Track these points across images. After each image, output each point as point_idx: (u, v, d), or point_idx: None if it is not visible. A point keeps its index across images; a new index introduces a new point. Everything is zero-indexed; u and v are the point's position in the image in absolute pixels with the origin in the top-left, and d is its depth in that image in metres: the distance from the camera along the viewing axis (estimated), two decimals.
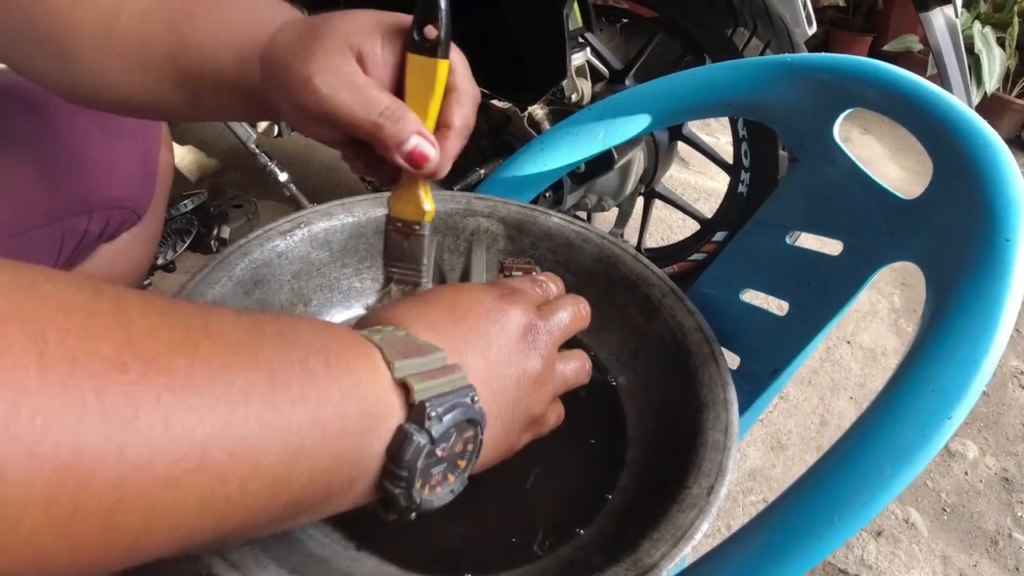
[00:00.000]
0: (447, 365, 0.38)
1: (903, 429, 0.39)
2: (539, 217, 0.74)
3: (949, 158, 0.53)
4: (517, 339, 0.43)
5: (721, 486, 0.49)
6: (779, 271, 0.66)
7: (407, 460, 0.34)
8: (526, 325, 0.44)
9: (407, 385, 0.35)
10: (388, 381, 0.35)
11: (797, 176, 0.66)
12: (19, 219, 0.70)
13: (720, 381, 0.58)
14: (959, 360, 0.41)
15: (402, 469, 0.34)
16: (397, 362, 0.35)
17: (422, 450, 0.34)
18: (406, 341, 0.38)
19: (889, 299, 2.02)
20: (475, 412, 0.37)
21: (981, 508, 1.46)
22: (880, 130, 3.08)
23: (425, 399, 0.35)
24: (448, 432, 0.36)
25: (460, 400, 0.36)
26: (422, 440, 0.34)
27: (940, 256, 0.50)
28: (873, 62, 0.61)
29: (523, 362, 0.43)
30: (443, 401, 0.35)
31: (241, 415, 0.28)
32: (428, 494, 0.37)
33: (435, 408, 0.35)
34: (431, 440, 0.35)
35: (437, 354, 0.38)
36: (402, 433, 0.35)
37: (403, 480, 0.35)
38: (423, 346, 0.38)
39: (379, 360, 0.36)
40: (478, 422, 0.38)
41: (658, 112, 0.76)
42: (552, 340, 0.46)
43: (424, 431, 0.34)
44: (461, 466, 0.39)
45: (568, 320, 0.48)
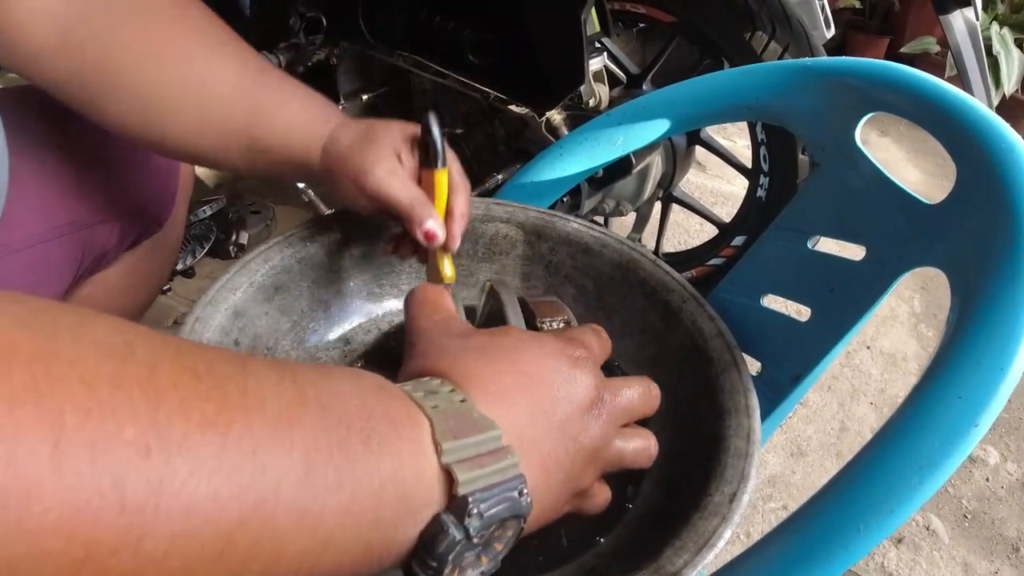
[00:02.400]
0: (500, 448, 0.35)
1: (929, 437, 0.39)
2: (557, 222, 0.74)
3: (972, 162, 0.52)
4: (582, 412, 0.41)
5: (744, 493, 0.49)
6: (801, 276, 0.66)
7: (439, 553, 0.32)
8: (594, 398, 0.42)
9: (451, 474, 0.33)
10: (433, 467, 0.33)
11: (819, 181, 0.66)
12: (42, 228, 0.71)
13: (741, 387, 0.58)
14: (985, 367, 0.41)
15: (433, 560, 0.32)
16: (446, 443, 0.33)
17: (456, 545, 0.32)
18: (461, 414, 0.35)
19: (909, 303, 2.01)
20: (521, 507, 0.35)
21: (1003, 515, 1.44)
22: (898, 133, 3.06)
23: (469, 492, 0.32)
24: (488, 524, 0.33)
25: (507, 495, 0.34)
26: (458, 535, 0.32)
27: (964, 262, 0.49)
28: (895, 66, 0.61)
29: (582, 436, 0.40)
30: (488, 495, 0.33)
31: (270, 502, 0.27)
32: None
33: (478, 504, 0.32)
34: (467, 536, 0.32)
35: (492, 433, 0.35)
36: (438, 524, 0.32)
37: (432, 569, 0.33)
38: (478, 422, 0.35)
39: (427, 440, 0.33)
40: (523, 516, 0.35)
41: (677, 117, 0.75)
42: (615, 416, 0.43)
43: (462, 527, 0.32)
44: (497, 549, 0.36)
45: (637, 400, 0.46)
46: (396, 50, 1.34)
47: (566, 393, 0.40)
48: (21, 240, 0.68)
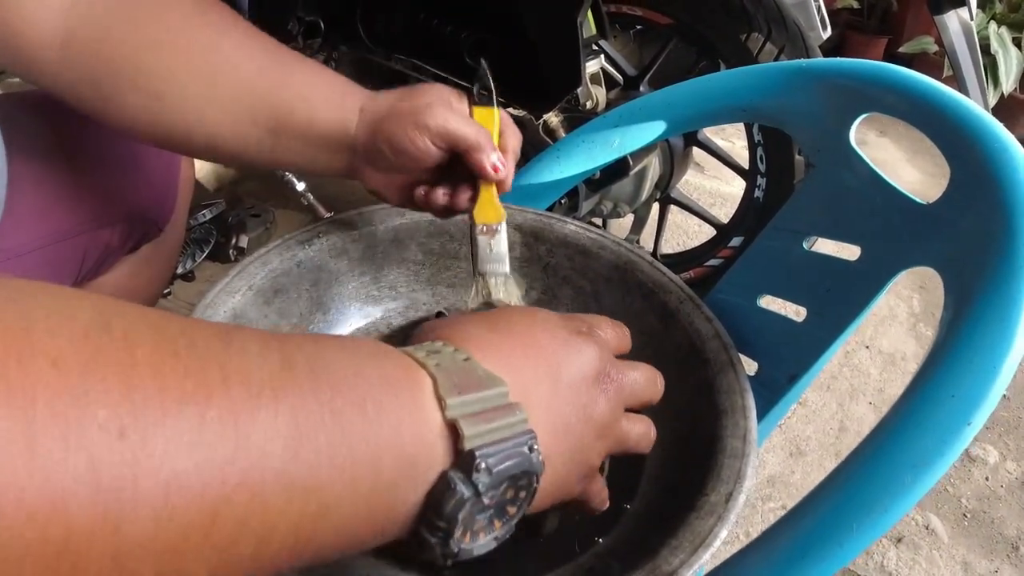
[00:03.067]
0: (508, 404, 0.34)
1: (922, 436, 0.39)
2: (555, 224, 0.74)
3: (966, 162, 0.53)
4: (590, 381, 0.40)
5: (740, 493, 0.49)
6: (797, 276, 0.66)
7: (447, 513, 0.31)
8: (600, 369, 0.41)
9: (457, 428, 0.32)
10: (437, 421, 0.32)
11: (814, 181, 0.66)
12: (41, 233, 0.71)
13: (738, 388, 0.58)
14: (978, 366, 0.41)
15: (441, 520, 0.32)
16: (450, 399, 0.32)
17: (465, 503, 0.31)
18: (466, 370, 0.34)
19: (908, 303, 2.01)
20: (532, 463, 0.34)
21: (1002, 514, 1.44)
22: (896, 133, 3.06)
23: (476, 447, 0.32)
24: (498, 482, 0.32)
25: (517, 450, 0.33)
26: (466, 492, 0.31)
27: (959, 261, 0.50)
28: (889, 66, 0.61)
29: (591, 406, 0.40)
30: (497, 450, 0.32)
31: (257, 473, 0.26)
32: (468, 542, 0.34)
33: (486, 459, 0.31)
34: (476, 493, 0.31)
35: (498, 388, 0.34)
36: (445, 482, 0.31)
37: (442, 531, 0.32)
38: (484, 378, 0.34)
39: (428, 398, 0.32)
40: (535, 473, 0.35)
41: (673, 119, 0.76)
42: (623, 395, 0.43)
43: (470, 483, 0.31)
44: (510, 513, 0.36)
45: (643, 383, 0.46)
46: (394, 53, 1.35)
47: (571, 362, 0.40)
48: (20, 245, 0.69)
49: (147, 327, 0.26)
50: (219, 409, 0.26)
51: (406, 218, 0.73)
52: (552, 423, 0.38)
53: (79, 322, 0.25)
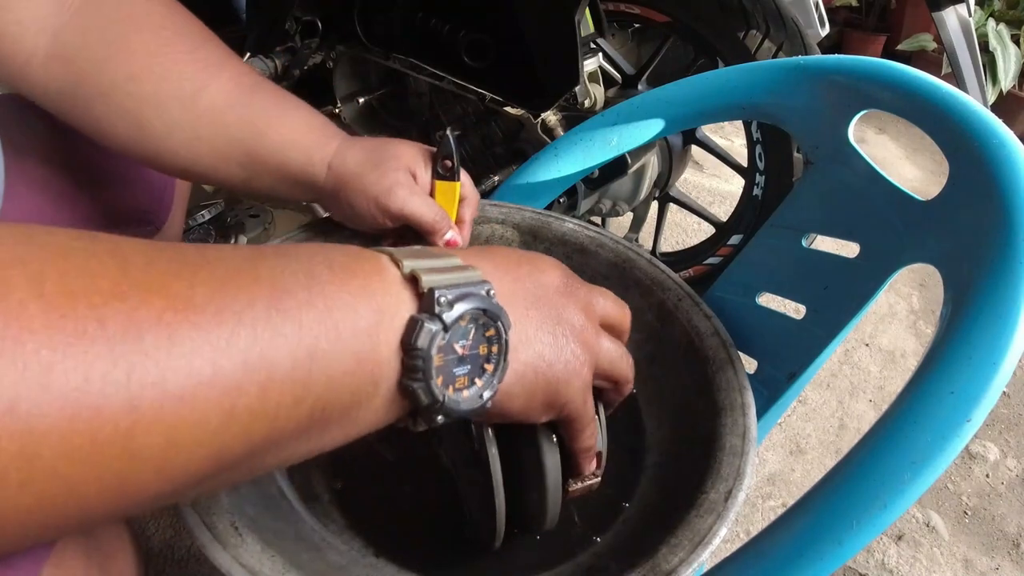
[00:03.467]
0: (462, 265, 0.38)
1: (921, 433, 0.39)
2: (553, 223, 0.74)
3: (965, 159, 0.53)
4: (554, 291, 0.42)
5: (739, 491, 0.49)
6: (795, 274, 0.66)
7: (420, 348, 0.34)
8: (565, 283, 0.43)
9: (416, 277, 0.35)
10: (397, 277, 0.35)
11: (812, 179, 0.66)
12: None
13: (737, 385, 0.58)
14: (977, 363, 0.41)
15: (416, 358, 0.34)
16: (406, 260, 0.36)
17: (434, 336, 0.34)
18: (418, 249, 0.38)
19: (908, 300, 2.01)
20: (492, 304, 0.36)
21: (1003, 511, 1.44)
22: (895, 130, 3.06)
23: (434, 286, 0.35)
24: (463, 323, 0.35)
25: (473, 291, 0.36)
26: (433, 327, 0.34)
27: (957, 257, 0.50)
28: (887, 63, 0.61)
29: (562, 312, 0.42)
30: (454, 290, 0.35)
31: (247, 325, 0.29)
32: (453, 394, 0.36)
33: (445, 295, 0.34)
34: (444, 327, 0.34)
35: (452, 259, 0.38)
36: (412, 321, 0.34)
37: (420, 371, 0.34)
38: (436, 252, 0.38)
39: (388, 262, 0.36)
40: (497, 316, 0.37)
41: (671, 116, 0.76)
42: (592, 307, 0.45)
43: (435, 317, 0.34)
44: (488, 369, 0.38)
45: (612, 306, 0.47)
46: (392, 53, 1.35)
47: (529, 268, 0.42)
48: None
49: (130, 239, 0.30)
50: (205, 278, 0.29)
51: None
52: (514, 294, 0.41)
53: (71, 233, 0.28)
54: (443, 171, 0.66)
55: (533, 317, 0.41)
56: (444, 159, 0.66)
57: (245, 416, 0.29)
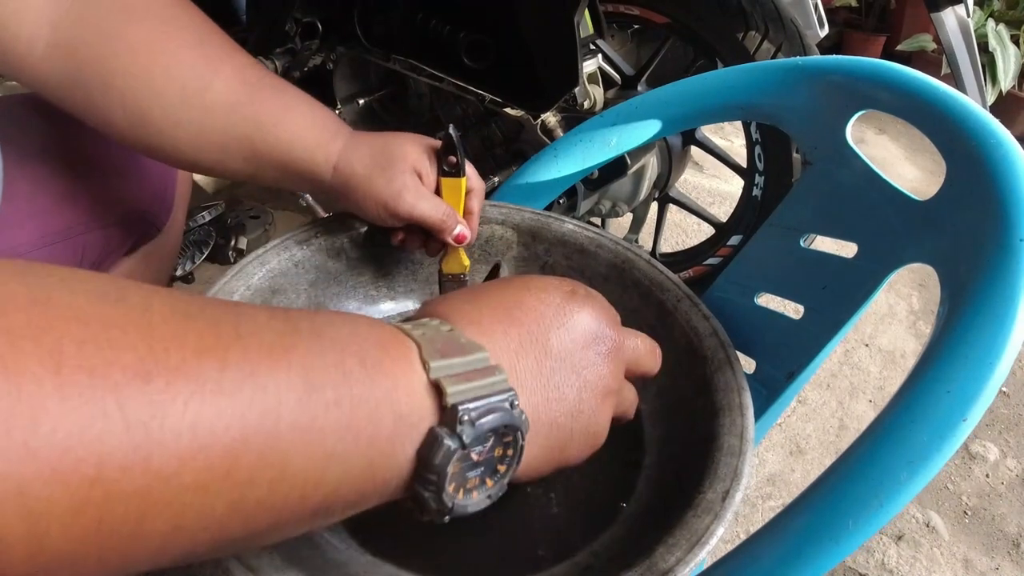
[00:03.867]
0: (488, 367, 0.36)
1: (918, 432, 0.39)
2: (553, 223, 0.74)
3: (962, 158, 0.53)
4: (582, 346, 0.41)
5: (737, 491, 0.49)
6: (794, 274, 0.66)
7: (437, 464, 0.33)
8: (595, 333, 0.42)
9: (440, 387, 0.34)
10: (423, 382, 0.34)
11: (810, 179, 0.66)
12: (40, 232, 0.71)
13: (736, 386, 0.58)
14: (973, 361, 0.41)
15: (432, 473, 0.34)
16: (433, 362, 0.34)
17: (452, 455, 0.34)
18: (448, 339, 0.36)
19: (907, 301, 2.01)
20: (514, 418, 0.36)
21: (1003, 511, 1.44)
22: (895, 130, 3.06)
23: (458, 402, 0.34)
24: (483, 436, 0.35)
25: (497, 405, 0.35)
26: (452, 444, 0.33)
27: (954, 257, 0.50)
28: (885, 63, 0.61)
29: (587, 371, 0.41)
30: (479, 405, 0.34)
31: (272, 419, 0.28)
32: (462, 498, 0.36)
33: (468, 412, 0.34)
34: (462, 445, 0.34)
35: (479, 354, 0.36)
36: (432, 436, 0.34)
37: (433, 484, 0.34)
38: (466, 345, 0.37)
39: (415, 360, 0.35)
40: (518, 428, 0.36)
41: (670, 117, 0.76)
42: (622, 359, 0.44)
43: (455, 436, 0.33)
44: (500, 471, 0.38)
45: (644, 351, 0.46)
46: (392, 54, 1.35)
47: (561, 324, 0.41)
48: (16, 246, 0.69)
49: (157, 294, 0.29)
50: (237, 361, 0.28)
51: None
52: (541, 390, 0.39)
53: (94, 290, 0.26)
54: (448, 168, 0.67)
55: (554, 403, 0.40)
56: (448, 156, 0.66)
57: (252, 507, 0.29)
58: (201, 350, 0.27)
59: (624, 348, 0.44)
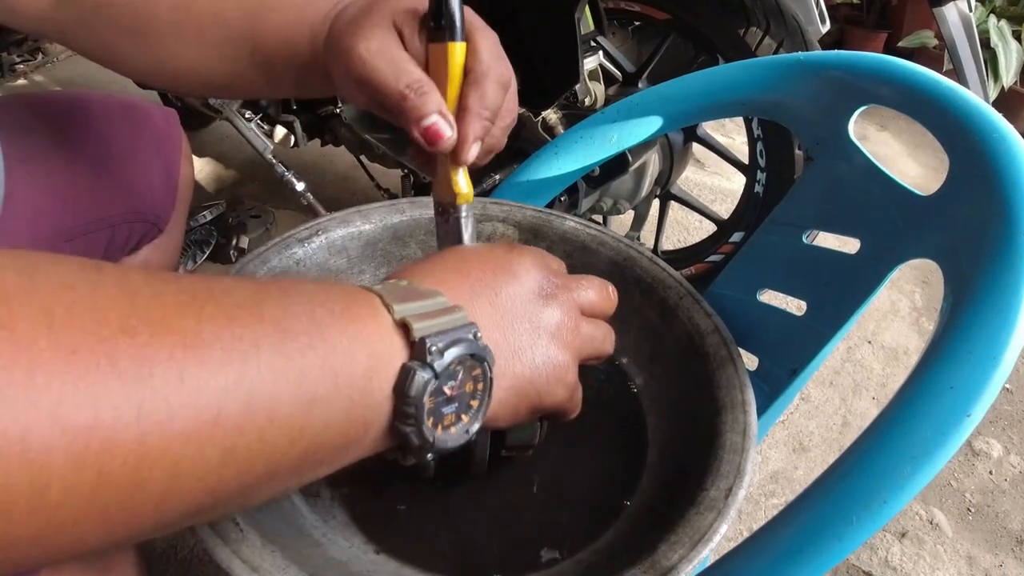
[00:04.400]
0: (447, 307, 0.38)
1: (921, 428, 0.39)
2: (554, 221, 0.74)
3: (964, 153, 0.53)
4: (528, 290, 0.43)
5: (739, 488, 0.49)
6: (796, 270, 0.66)
7: (413, 396, 0.35)
8: (540, 281, 0.44)
9: (407, 325, 0.35)
10: (389, 323, 0.36)
11: (813, 175, 0.66)
12: (42, 234, 0.71)
13: (738, 383, 0.58)
14: (977, 357, 0.41)
15: (409, 406, 0.35)
16: (396, 305, 0.36)
17: (426, 385, 0.35)
18: (407, 289, 0.38)
19: (910, 298, 2.01)
20: (478, 347, 0.37)
21: (1006, 508, 1.44)
22: (897, 127, 3.05)
23: (425, 335, 0.35)
24: (452, 367, 0.36)
25: (461, 336, 0.36)
26: (425, 375, 0.35)
27: (958, 252, 0.50)
28: (886, 58, 0.61)
29: (538, 312, 0.43)
30: (443, 337, 0.36)
31: (253, 366, 0.29)
32: (441, 433, 0.37)
33: (435, 343, 0.35)
34: (435, 374, 0.35)
35: (437, 298, 0.38)
36: (405, 370, 0.35)
37: (412, 417, 0.35)
38: (423, 291, 0.38)
39: (380, 306, 0.36)
40: (483, 358, 0.38)
41: (671, 113, 0.75)
42: (572, 300, 0.45)
43: (427, 366, 0.35)
44: (473, 406, 0.39)
45: (595, 294, 0.47)
46: None
47: (508, 275, 0.43)
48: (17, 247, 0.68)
49: (135, 269, 0.30)
50: (212, 315, 0.29)
51: (405, 215, 0.72)
52: (498, 326, 0.41)
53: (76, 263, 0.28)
54: (434, 26, 0.46)
55: (511, 338, 0.42)
56: (436, 8, 0.46)
57: (243, 455, 0.29)
58: (179, 306, 0.28)
59: (570, 289, 0.45)
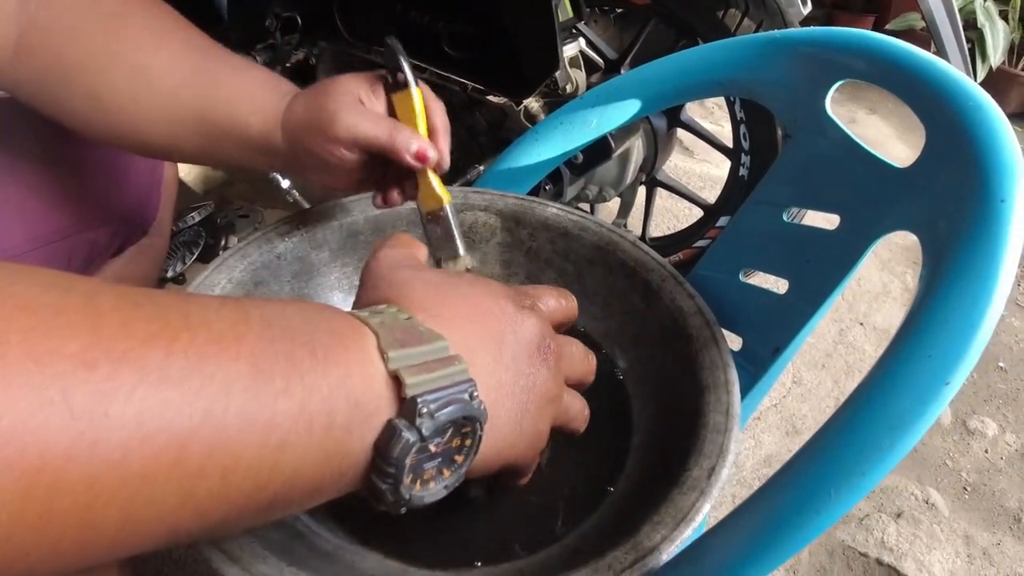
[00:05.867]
0: (448, 356, 0.36)
1: (900, 398, 0.39)
2: (536, 208, 0.74)
3: (940, 122, 0.52)
4: (530, 353, 0.42)
5: (723, 467, 0.49)
6: (777, 249, 0.66)
7: (395, 457, 0.33)
8: (541, 341, 0.43)
9: (399, 378, 0.33)
10: (381, 373, 0.34)
11: (791, 152, 0.66)
12: (24, 239, 0.70)
13: (721, 363, 0.58)
14: (955, 324, 0.40)
15: (389, 466, 0.33)
16: (392, 351, 0.34)
17: (411, 448, 0.33)
18: (407, 327, 0.36)
19: (901, 279, 2.01)
20: (473, 409, 0.35)
21: (1003, 486, 1.44)
22: (886, 110, 3.05)
23: (418, 394, 0.33)
24: (442, 428, 0.34)
25: (457, 396, 0.34)
26: (411, 437, 0.33)
27: (935, 222, 0.49)
28: (860, 32, 0.60)
29: (534, 375, 0.41)
30: (438, 397, 0.34)
31: (220, 408, 0.28)
32: (419, 490, 0.36)
33: (428, 404, 0.33)
34: (421, 438, 0.33)
35: (438, 343, 0.36)
36: (391, 428, 0.33)
37: (391, 476, 0.33)
38: (424, 334, 0.36)
39: (372, 349, 0.34)
40: (477, 419, 0.36)
41: (649, 96, 0.75)
42: (561, 366, 0.44)
43: (414, 428, 0.33)
44: (458, 461, 0.37)
45: (579, 359, 0.47)
46: (374, 47, 1.34)
47: (514, 331, 0.41)
48: (4, 250, 0.68)
49: (105, 285, 0.28)
50: (184, 349, 0.28)
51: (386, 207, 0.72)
52: (496, 384, 0.39)
53: (41, 281, 0.26)
54: (394, 82, 0.60)
55: (507, 399, 0.40)
56: (393, 70, 0.59)
57: (204, 498, 0.28)
58: (148, 338, 0.27)
59: (563, 355, 0.45)
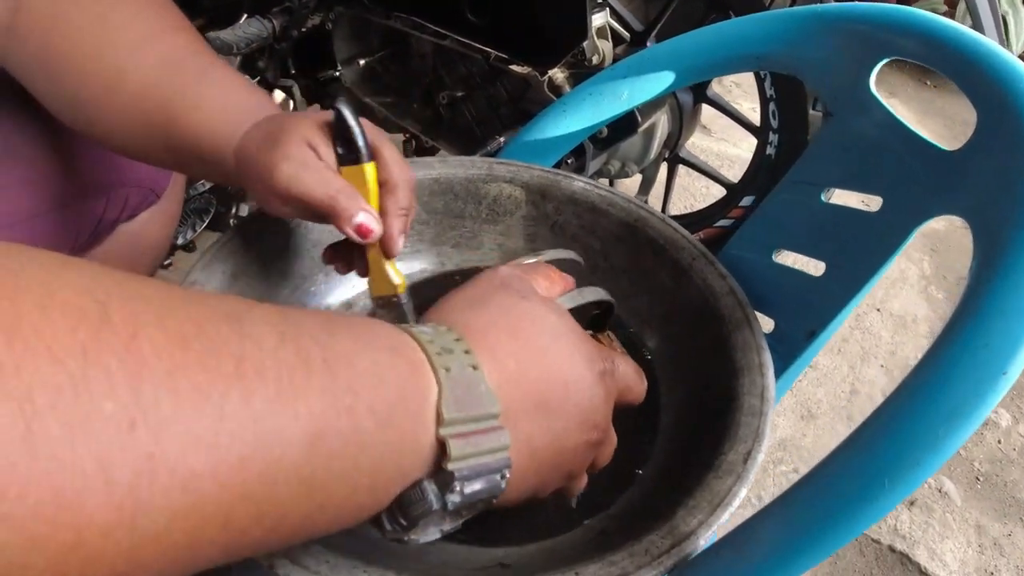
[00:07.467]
0: (495, 427, 0.35)
1: (955, 388, 0.37)
2: (562, 181, 0.72)
3: (992, 105, 0.50)
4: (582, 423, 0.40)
5: (759, 452, 0.48)
6: (814, 230, 0.64)
7: (413, 516, 0.33)
8: (605, 413, 0.42)
9: (445, 446, 0.33)
10: (430, 438, 0.33)
11: (832, 131, 0.64)
12: (35, 202, 0.70)
13: (754, 345, 0.56)
14: (1010, 314, 0.39)
15: (405, 518, 0.33)
16: (448, 414, 0.33)
17: (431, 513, 0.33)
18: (470, 383, 0.34)
19: (919, 265, 1.99)
20: (498, 488, 0.35)
21: (1015, 476, 1.43)
22: (906, 94, 3.01)
23: (457, 469, 0.33)
24: (465, 504, 0.34)
25: (490, 477, 0.34)
26: (435, 505, 0.33)
27: (986, 208, 0.48)
28: (910, 10, 0.58)
29: (582, 435, 0.40)
30: (473, 476, 0.33)
31: (272, 474, 0.26)
32: (417, 533, 0.35)
33: (463, 483, 0.33)
34: (444, 508, 0.33)
35: (491, 409, 0.35)
36: (420, 492, 0.33)
37: (401, 526, 0.34)
38: (483, 396, 0.35)
39: (431, 410, 0.33)
40: (496, 495, 0.36)
41: (684, 68, 0.73)
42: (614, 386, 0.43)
43: (442, 499, 0.33)
44: (463, 514, 0.37)
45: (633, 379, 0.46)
46: (393, 12, 1.31)
47: (580, 421, 0.40)
48: (13, 214, 0.68)
49: (147, 309, 0.25)
50: (236, 409, 0.25)
51: None
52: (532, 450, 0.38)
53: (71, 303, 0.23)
54: (344, 153, 0.53)
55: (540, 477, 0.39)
56: (343, 138, 0.52)
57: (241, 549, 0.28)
58: (197, 395, 0.24)
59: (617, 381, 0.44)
